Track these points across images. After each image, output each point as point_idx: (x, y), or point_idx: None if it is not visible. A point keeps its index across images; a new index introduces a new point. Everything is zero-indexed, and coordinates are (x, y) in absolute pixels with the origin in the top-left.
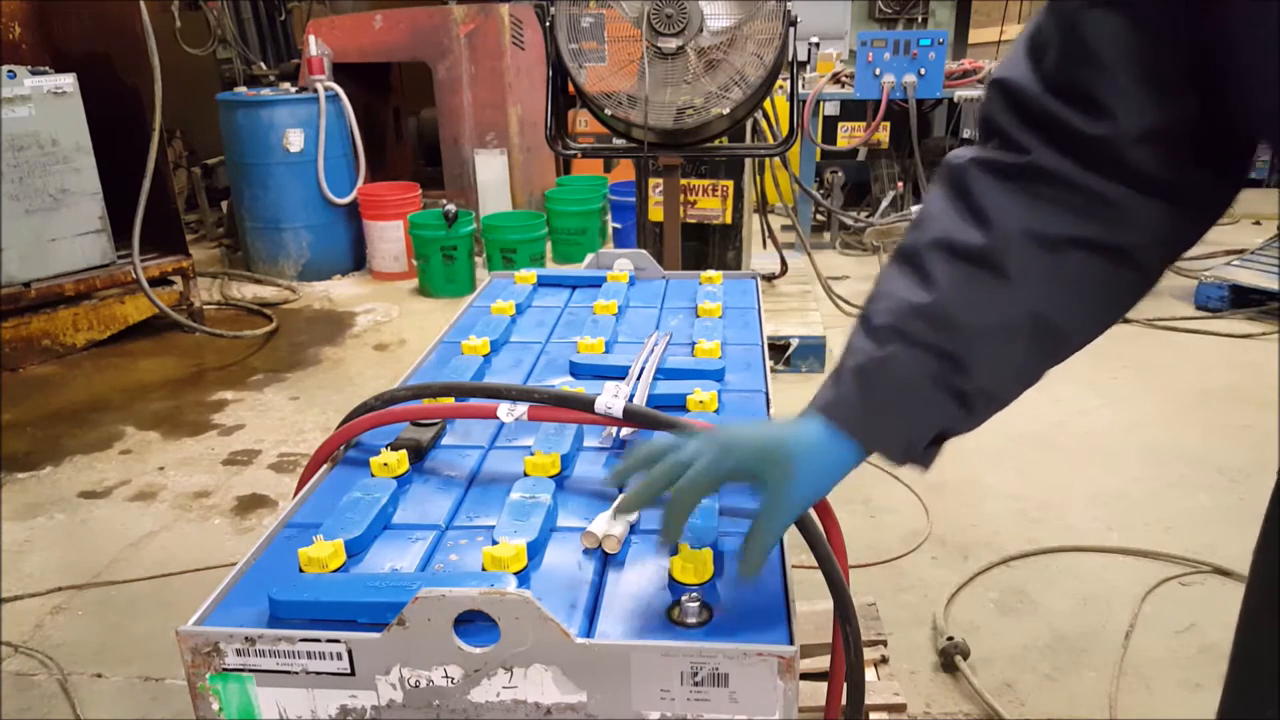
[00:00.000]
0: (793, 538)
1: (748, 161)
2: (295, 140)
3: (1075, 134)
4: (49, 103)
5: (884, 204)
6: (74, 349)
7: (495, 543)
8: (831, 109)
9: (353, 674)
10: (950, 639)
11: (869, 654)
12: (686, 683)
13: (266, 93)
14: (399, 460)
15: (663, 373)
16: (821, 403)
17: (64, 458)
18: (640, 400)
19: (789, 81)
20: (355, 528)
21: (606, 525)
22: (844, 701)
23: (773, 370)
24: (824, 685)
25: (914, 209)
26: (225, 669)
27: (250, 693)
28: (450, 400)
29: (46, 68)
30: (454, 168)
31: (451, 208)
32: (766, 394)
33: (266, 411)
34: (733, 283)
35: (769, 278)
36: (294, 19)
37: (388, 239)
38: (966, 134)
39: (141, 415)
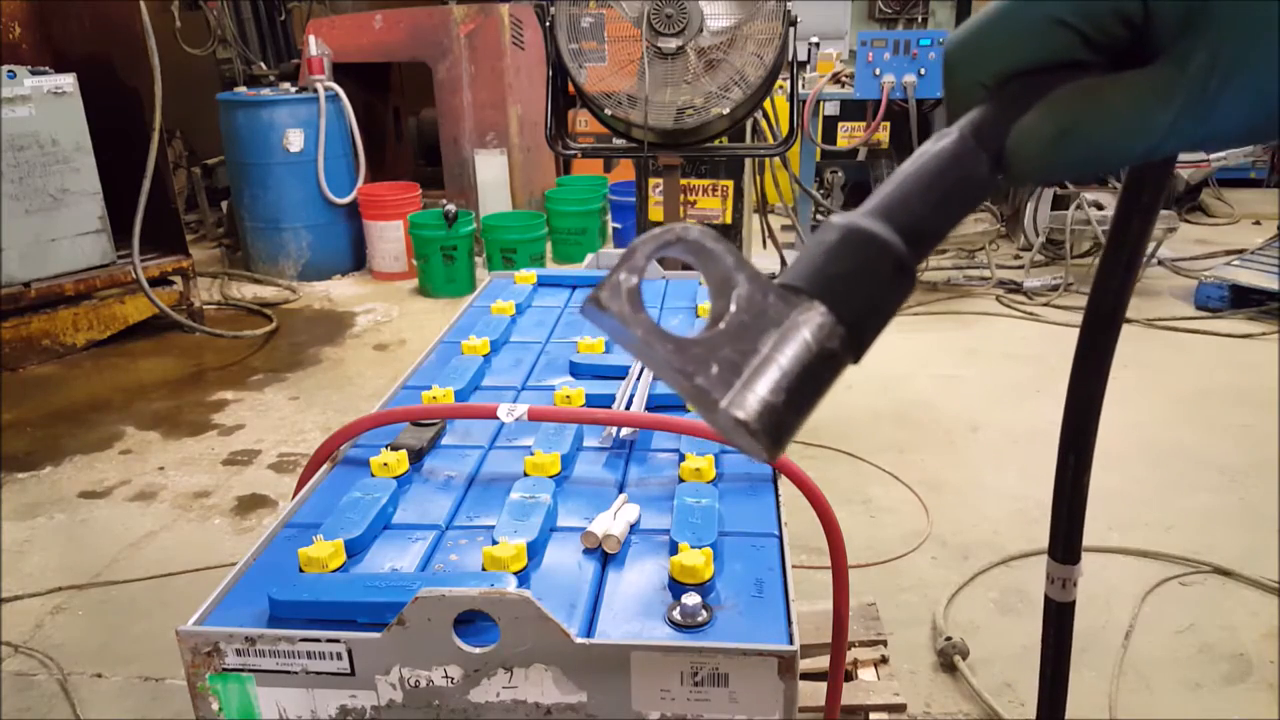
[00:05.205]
0: (794, 538)
1: (748, 161)
2: (295, 140)
3: None
4: (49, 103)
5: None
6: (74, 349)
7: (495, 543)
8: (831, 109)
9: (353, 674)
10: (948, 639)
11: (869, 654)
12: (686, 683)
13: (266, 93)
14: (399, 460)
15: None
16: None
17: (64, 458)
18: (640, 400)
19: (789, 81)
20: (355, 528)
21: (606, 525)
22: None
23: None
24: (824, 685)
25: None
26: (225, 669)
27: (250, 693)
28: (450, 400)
29: (46, 68)
30: (454, 168)
31: (451, 208)
32: None
33: (266, 411)
34: None
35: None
36: (294, 19)
37: (388, 239)
38: None
39: (141, 415)
